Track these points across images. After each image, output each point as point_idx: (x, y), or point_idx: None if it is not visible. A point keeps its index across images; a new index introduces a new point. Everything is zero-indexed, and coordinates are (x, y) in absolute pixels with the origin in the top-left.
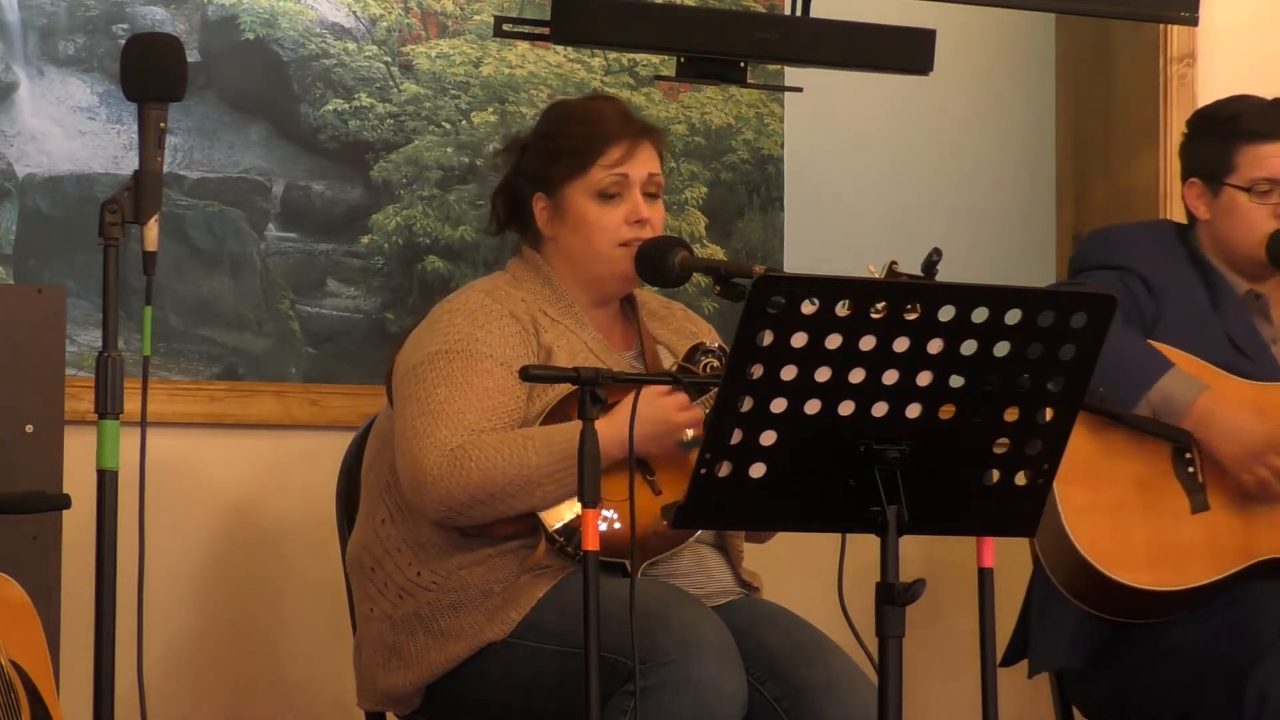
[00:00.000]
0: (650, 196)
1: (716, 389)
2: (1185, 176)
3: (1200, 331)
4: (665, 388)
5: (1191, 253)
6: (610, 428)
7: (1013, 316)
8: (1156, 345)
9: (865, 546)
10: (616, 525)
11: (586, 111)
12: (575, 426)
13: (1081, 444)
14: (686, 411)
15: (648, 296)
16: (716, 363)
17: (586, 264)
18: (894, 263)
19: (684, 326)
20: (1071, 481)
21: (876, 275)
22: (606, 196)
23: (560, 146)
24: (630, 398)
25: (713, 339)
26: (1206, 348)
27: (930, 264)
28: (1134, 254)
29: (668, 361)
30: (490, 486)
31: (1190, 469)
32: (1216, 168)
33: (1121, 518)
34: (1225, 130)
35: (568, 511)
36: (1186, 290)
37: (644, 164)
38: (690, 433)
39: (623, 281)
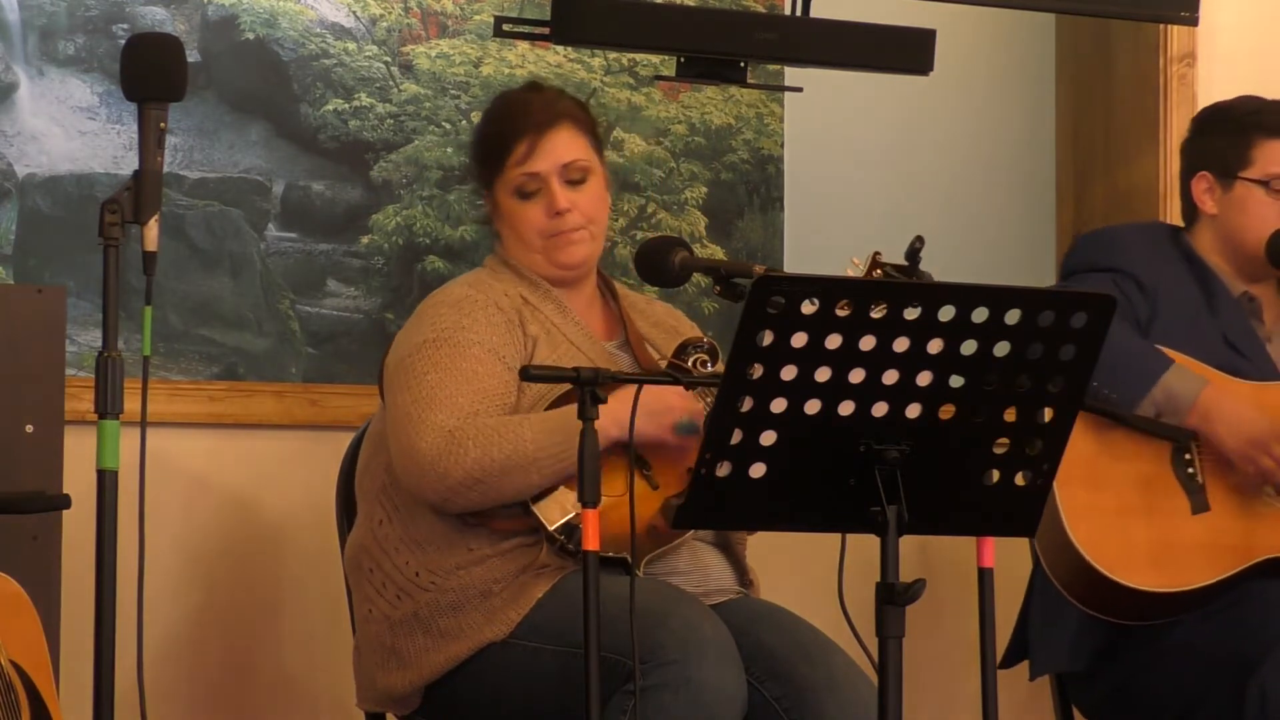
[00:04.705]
0: (574, 183)
1: (713, 387)
2: (1192, 171)
3: (1196, 332)
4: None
5: (1185, 254)
6: (608, 412)
7: (1013, 316)
8: None
9: (865, 546)
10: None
11: (504, 106)
12: (571, 409)
13: (1082, 445)
14: (684, 399)
15: (627, 291)
16: (707, 358)
17: (522, 255)
18: (877, 253)
19: (665, 321)
20: (1072, 483)
21: (860, 265)
22: (525, 194)
23: (482, 147)
24: (626, 388)
25: (695, 335)
26: (1203, 348)
27: (914, 251)
28: (1127, 255)
29: (653, 355)
30: (488, 465)
31: (1190, 469)
32: (1231, 161)
33: (1122, 519)
34: (1244, 124)
35: (569, 508)
36: (1180, 291)
37: (551, 155)
38: (687, 417)
39: (561, 269)
